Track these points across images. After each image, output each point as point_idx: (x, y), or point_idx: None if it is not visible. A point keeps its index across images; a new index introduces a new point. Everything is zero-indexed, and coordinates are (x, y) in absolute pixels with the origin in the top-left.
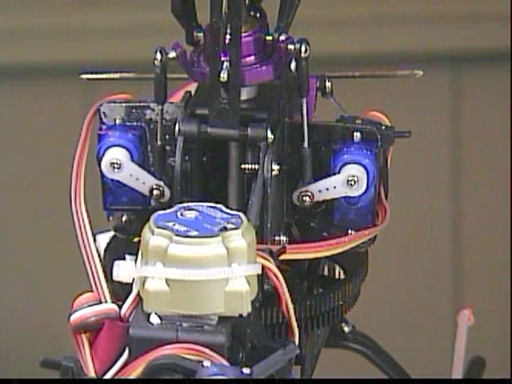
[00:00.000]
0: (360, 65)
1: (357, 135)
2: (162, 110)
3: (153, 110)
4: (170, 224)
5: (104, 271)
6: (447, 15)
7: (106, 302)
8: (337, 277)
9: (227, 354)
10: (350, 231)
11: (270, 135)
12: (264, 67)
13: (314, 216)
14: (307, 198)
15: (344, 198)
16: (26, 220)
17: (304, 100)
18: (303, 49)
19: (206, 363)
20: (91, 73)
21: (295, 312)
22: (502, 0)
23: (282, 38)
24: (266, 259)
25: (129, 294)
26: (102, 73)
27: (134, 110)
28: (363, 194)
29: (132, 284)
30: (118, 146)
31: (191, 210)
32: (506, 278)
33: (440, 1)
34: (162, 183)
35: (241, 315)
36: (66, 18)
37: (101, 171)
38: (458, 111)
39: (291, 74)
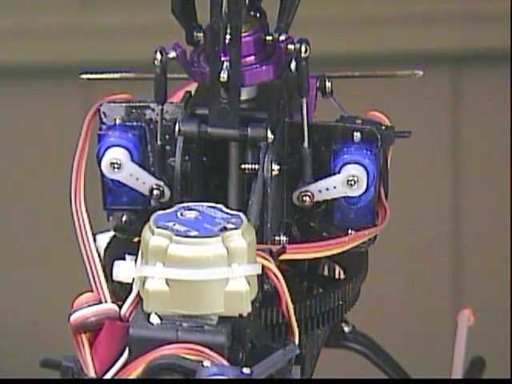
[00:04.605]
0: (360, 65)
1: (357, 135)
2: (162, 110)
3: (153, 109)
4: (170, 224)
5: (104, 271)
6: (447, 15)
7: (106, 301)
8: (337, 277)
9: (227, 354)
10: (350, 231)
11: (270, 135)
12: (264, 67)
13: (314, 216)
14: (307, 198)
15: (344, 197)
16: (26, 220)
17: (304, 100)
18: (303, 49)
19: (206, 363)
20: (91, 73)
21: (295, 312)
22: (502, 0)
23: (282, 38)
24: (266, 259)
25: (129, 294)
26: (102, 73)
27: (133, 110)
28: (363, 193)
29: (132, 284)
30: (118, 145)
31: (191, 209)
32: (506, 278)
33: (440, 1)
34: (161, 183)
35: (241, 315)
36: (66, 18)
37: (101, 171)
38: (458, 111)
39: (291, 74)
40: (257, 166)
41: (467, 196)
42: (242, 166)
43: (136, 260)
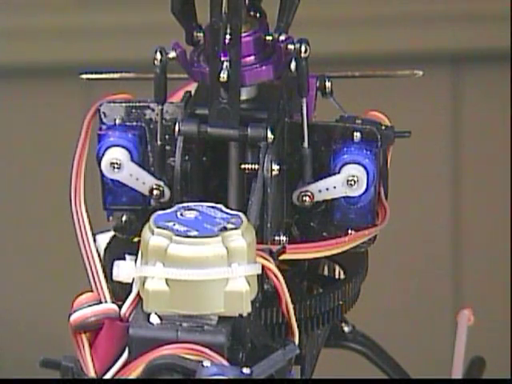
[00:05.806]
0: (360, 65)
1: (357, 135)
2: (162, 110)
3: (153, 110)
4: (170, 224)
5: (104, 271)
6: (447, 15)
7: (106, 301)
8: (337, 277)
9: (227, 354)
10: (350, 231)
11: (269, 135)
12: (264, 67)
13: (314, 216)
14: (307, 198)
15: (344, 198)
16: (26, 220)
17: (304, 100)
18: (303, 49)
19: (206, 363)
20: (91, 73)
21: (295, 312)
22: (502, 0)
23: (282, 38)
24: (266, 259)
25: (129, 294)
26: (102, 73)
27: (133, 110)
28: (363, 193)
29: (132, 284)
30: (118, 146)
31: (191, 209)
32: (506, 278)
33: (440, 1)
34: (161, 183)
35: (241, 315)
36: (66, 18)
37: (101, 171)
38: (458, 111)
39: (291, 74)
40: (257, 166)
41: (467, 196)
42: (242, 166)
43: (136, 260)
